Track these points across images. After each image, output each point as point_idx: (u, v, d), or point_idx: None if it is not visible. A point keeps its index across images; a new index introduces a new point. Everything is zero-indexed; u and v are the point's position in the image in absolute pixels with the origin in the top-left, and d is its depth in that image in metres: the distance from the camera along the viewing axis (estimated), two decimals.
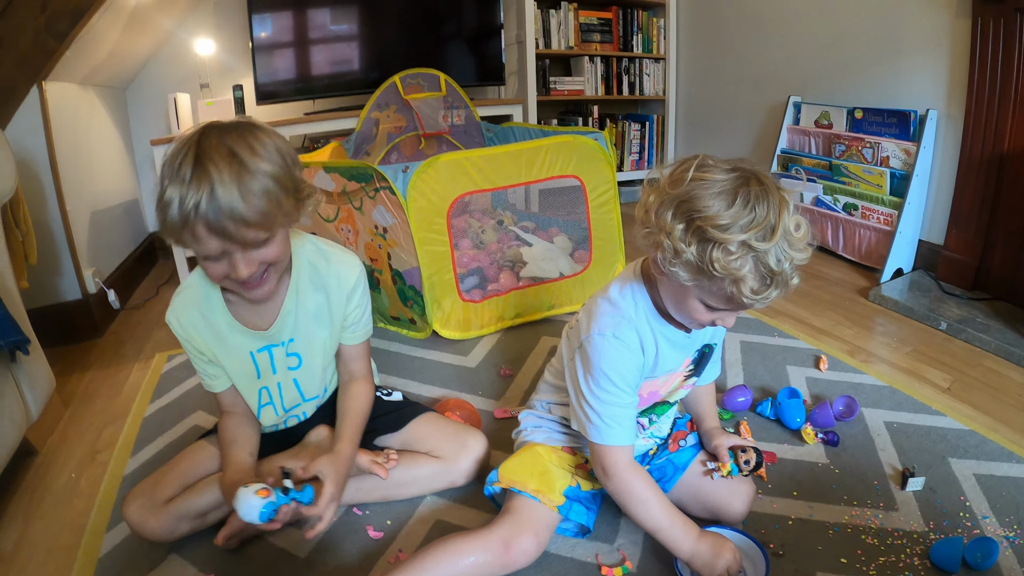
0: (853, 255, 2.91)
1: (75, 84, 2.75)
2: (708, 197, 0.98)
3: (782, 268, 0.96)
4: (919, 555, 1.23)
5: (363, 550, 1.33)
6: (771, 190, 0.98)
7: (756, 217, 0.95)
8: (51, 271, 2.45)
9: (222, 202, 1.02)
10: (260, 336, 1.32)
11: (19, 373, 1.68)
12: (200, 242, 1.06)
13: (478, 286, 2.32)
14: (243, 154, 1.06)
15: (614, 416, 1.15)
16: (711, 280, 1.00)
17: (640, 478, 1.17)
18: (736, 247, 0.95)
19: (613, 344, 1.14)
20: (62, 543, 1.43)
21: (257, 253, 1.13)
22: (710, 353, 1.33)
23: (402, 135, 3.32)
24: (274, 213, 1.09)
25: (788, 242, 0.96)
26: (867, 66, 2.94)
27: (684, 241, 0.99)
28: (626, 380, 1.15)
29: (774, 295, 1.00)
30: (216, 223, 1.03)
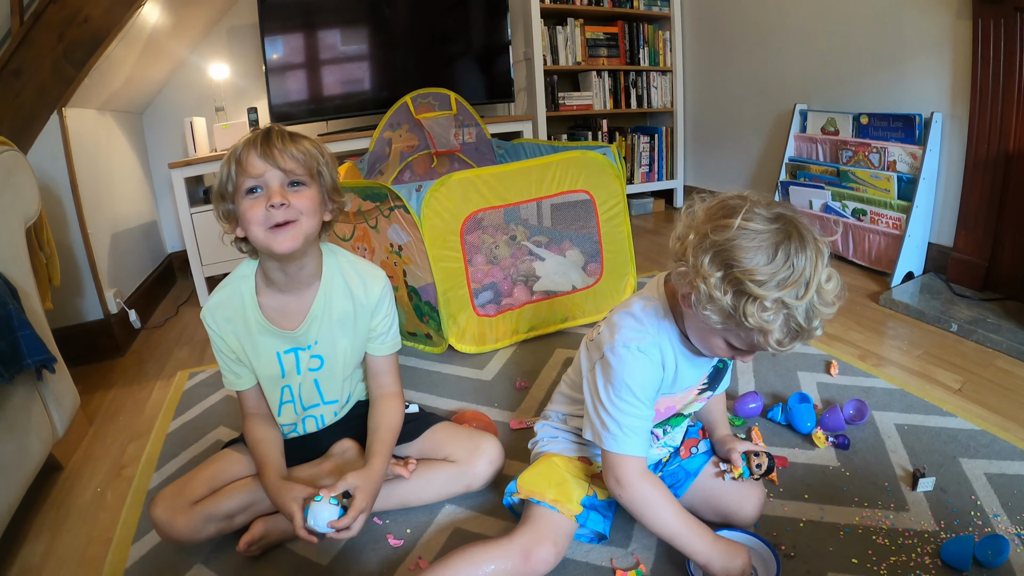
0: (863, 260, 2.92)
1: (93, 110, 2.81)
2: (750, 250, 0.98)
3: (811, 324, 0.99)
4: (930, 554, 1.24)
5: (383, 558, 1.35)
6: (809, 243, 0.98)
7: (793, 274, 0.96)
8: (74, 292, 2.50)
9: (274, 136, 1.25)
10: (288, 337, 1.37)
11: (45, 391, 1.72)
12: (248, 166, 1.23)
13: (492, 301, 2.35)
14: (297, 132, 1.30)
15: (631, 427, 1.16)
16: (740, 327, 1.01)
17: (653, 486, 1.18)
18: (771, 303, 0.96)
19: (637, 357, 1.15)
20: (89, 556, 1.46)
21: (291, 193, 1.26)
22: (725, 369, 1.34)
23: (414, 154, 3.35)
24: (312, 163, 1.28)
25: (820, 298, 0.98)
26: (871, 72, 2.95)
27: (720, 289, 0.99)
28: (646, 393, 1.17)
29: (796, 346, 1.03)
30: (265, 148, 1.23)
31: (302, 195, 1.27)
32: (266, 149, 1.22)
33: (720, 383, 1.36)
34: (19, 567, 1.45)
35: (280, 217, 1.24)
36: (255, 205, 1.24)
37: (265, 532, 1.35)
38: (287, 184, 1.26)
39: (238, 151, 1.24)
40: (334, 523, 1.21)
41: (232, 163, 1.24)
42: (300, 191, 1.27)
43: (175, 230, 3.73)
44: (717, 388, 1.36)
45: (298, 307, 1.38)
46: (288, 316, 1.38)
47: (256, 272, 1.38)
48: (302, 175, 1.27)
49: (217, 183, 1.28)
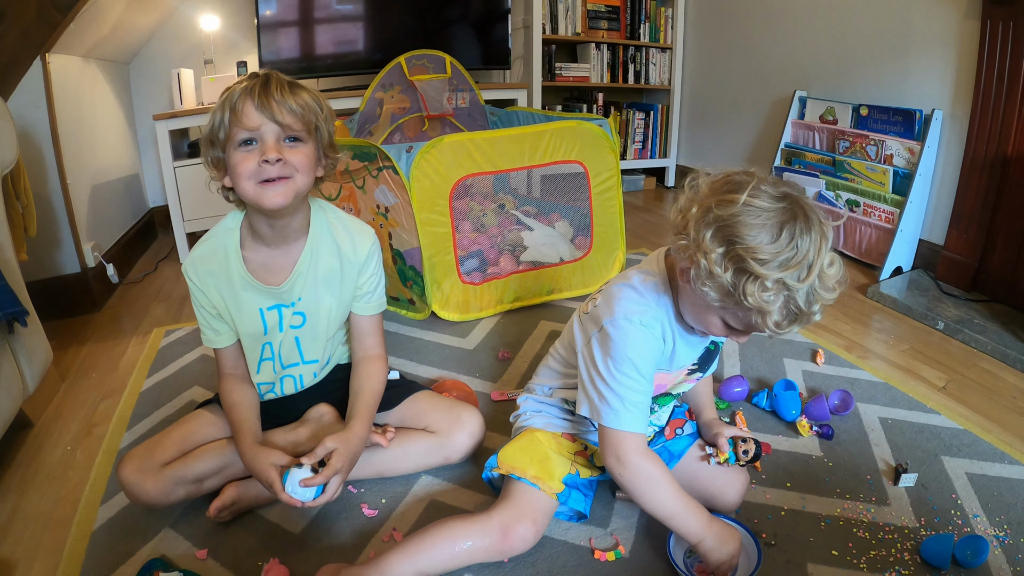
0: (853, 252, 2.91)
1: (78, 57, 2.74)
2: (754, 227, 0.96)
3: (810, 308, 0.97)
4: (909, 550, 1.24)
5: (357, 528, 1.33)
6: (815, 225, 0.97)
7: (796, 255, 0.94)
8: (50, 244, 2.44)
9: (272, 86, 1.19)
10: (271, 293, 1.34)
11: (16, 345, 1.67)
12: (244, 117, 1.18)
13: (478, 269, 2.32)
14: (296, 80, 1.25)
15: (632, 401, 1.14)
16: (738, 306, 1.00)
17: (654, 465, 1.16)
18: (772, 283, 0.94)
19: (639, 330, 1.13)
20: (56, 516, 1.43)
21: (286, 149, 1.22)
22: (715, 352, 1.33)
23: (406, 116, 3.31)
24: (310, 118, 1.23)
25: (821, 283, 0.96)
26: (874, 63, 2.93)
27: (721, 266, 0.98)
28: (648, 366, 1.15)
29: (794, 330, 1.01)
30: (264, 99, 1.17)
31: (298, 151, 1.23)
32: (264, 100, 1.17)
33: (709, 366, 1.35)
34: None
35: (273, 173, 1.20)
36: (247, 158, 1.20)
37: (237, 497, 1.33)
38: (283, 139, 1.22)
39: (234, 98, 1.18)
40: (307, 480, 1.19)
41: (226, 110, 1.18)
42: (296, 147, 1.23)
43: (158, 184, 3.66)
44: (706, 371, 1.35)
45: (283, 262, 1.35)
46: (273, 271, 1.35)
47: (242, 225, 1.34)
48: (299, 130, 1.23)
49: (208, 128, 1.22)
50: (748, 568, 1.16)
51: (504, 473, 1.27)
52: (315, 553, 1.26)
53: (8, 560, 1.32)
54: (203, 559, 1.25)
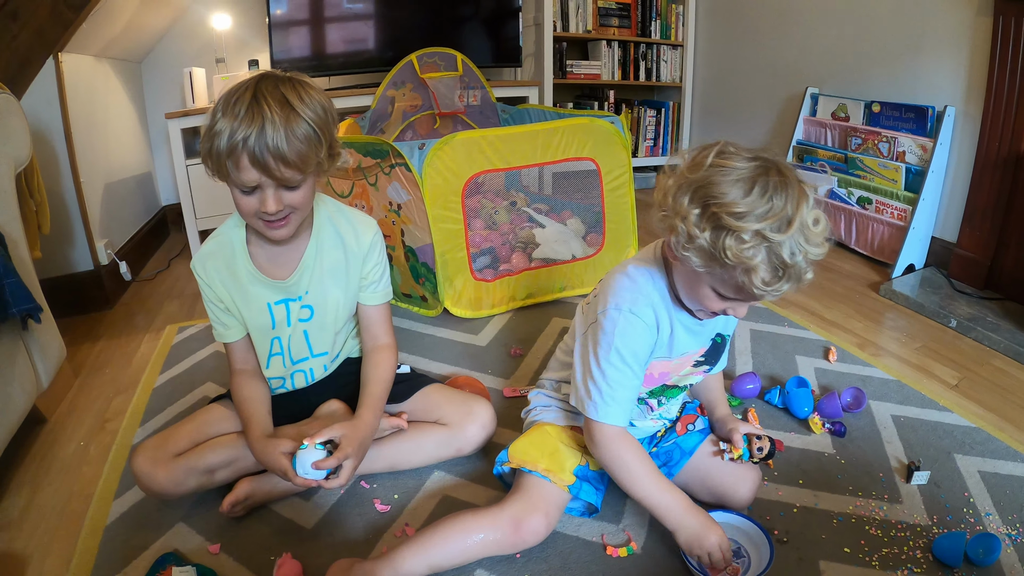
0: (865, 249, 2.90)
1: (91, 56, 2.75)
2: (726, 184, 0.97)
3: (795, 261, 0.96)
4: (921, 548, 1.23)
5: (370, 523, 1.34)
6: (791, 182, 0.97)
7: (773, 208, 0.95)
8: (64, 242, 2.45)
9: (269, 139, 1.12)
10: (279, 287, 1.36)
11: (30, 341, 1.68)
12: (241, 171, 1.15)
13: (490, 266, 2.32)
14: (294, 101, 1.16)
15: (614, 396, 1.17)
16: (723, 268, 1.00)
17: (628, 448, 1.19)
18: (750, 236, 0.94)
19: (629, 319, 1.15)
20: (70, 510, 1.44)
21: (286, 194, 1.21)
22: (723, 344, 1.32)
23: (417, 114, 3.32)
24: (311, 159, 1.19)
25: (804, 236, 0.96)
26: (886, 60, 2.91)
27: (699, 227, 0.99)
28: (637, 357, 1.16)
29: (786, 288, 0.99)
30: (260, 156, 1.13)
31: (297, 193, 1.23)
32: (260, 157, 1.13)
33: (718, 360, 1.34)
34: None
35: (274, 217, 1.22)
36: (248, 201, 1.21)
37: (250, 493, 1.33)
38: (282, 187, 1.20)
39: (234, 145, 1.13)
40: (319, 463, 1.21)
41: (223, 147, 1.13)
42: (295, 191, 1.22)
43: (170, 182, 3.68)
44: (715, 365, 1.35)
45: (289, 256, 1.37)
46: (279, 265, 1.36)
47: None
48: (298, 180, 1.21)
49: (206, 148, 1.18)
50: (760, 565, 1.16)
51: (515, 467, 1.27)
52: (328, 548, 1.27)
53: (22, 553, 1.33)
54: (216, 554, 1.26)
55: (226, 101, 1.16)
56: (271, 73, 1.21)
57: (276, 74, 1.21)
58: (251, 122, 1.12)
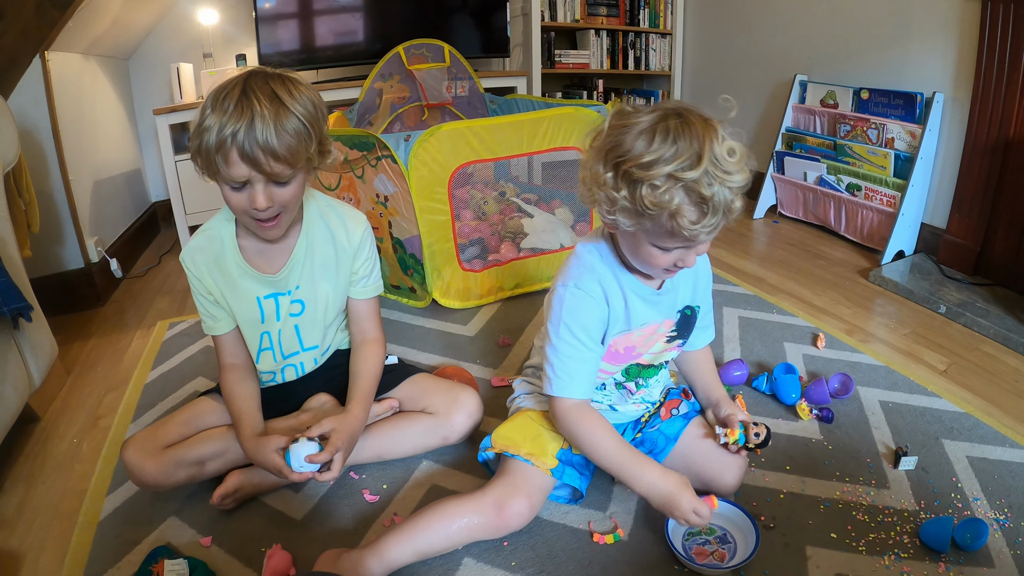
0: (855, 236, 2.91)
1: (78, 54, 2.74)
2: (629, 140, 1.01)
3: (714, 192, 0.98)
4: (909, 533, 1.24)
5: (358, 513, 1.35)
6: (693, 122, 1.00)
7: (679, 149, 0.98)
8: (54, 240, 2.45)
9: (258, 133, 1.12)
10: (269, 281, 1.37)
11: (22, 340, 1.69)
12: (230, 166, 1.15)
13: (479, 256, 2.33)
14: (283, 96, 1.17)
15: (568, 370, 1.20)
16: (650, 220, 1.02)
17: (588, 419, 1.21)
18: (663, 181, 0.98)
19: (575, 294, 1.18)
20: (63, 507, 1.45)
21: (276, 190, 1.21)
22: (693, 316, 1.33)
23: (405, 105, 3.32)
24: (300, 154, 1.19)
25: (718, 166, 0.98)
26: (875, 47, 2.92)
27: (615, 188, 1.03)
28: (587, 331, 1.19)
29: (715, 222, 1.02)
30: (249, 150, 1.13)
31: (287, 190, 1.24)
32: (249, 152, 1.14)
33: (690, 333, 1.35)
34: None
35: (265, 215, 1.23)
36: (238, 197, 1.21)
37: (239, 485, 1.34)
38: (272, 182, 1.21)
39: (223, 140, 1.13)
40: (312, 457, 1.22)
41: (212, 143, 1.14)
42: (285, 187, 1.23)
43: (159, 179, 3.67)
44: (688, 338, 1.36)
45: (279, 251, 1.38)
46: (269, 260, 1.37)
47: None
48: (288, 175, 1.21)
49: (196, 145, 1.18)
50: (746, 551, 1.17)
51: (498, 451, 1.29)
52: (317, 538, 1.28)
53: (17, 551, 1.34)
54: (207, 546, 1.27)
55: (215, 98, 1.16)
56: (260, 70, 1.21)
57: (265, 71, 1.21)
58: (240, 116, 1.12)
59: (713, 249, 2.90)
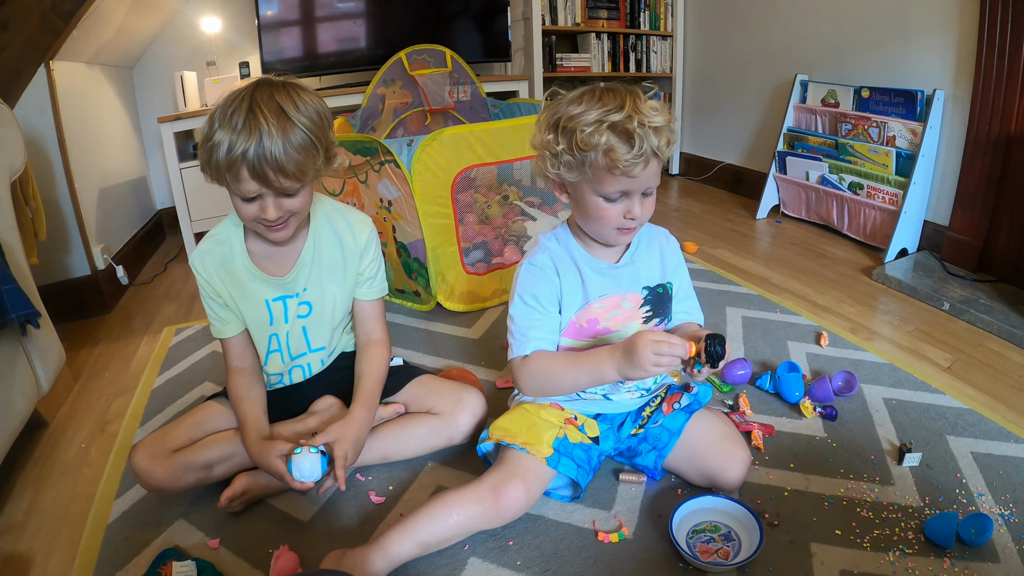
0: (858, 234, 2.91)
1: (82, 63, 2.76)
2: (563, 105, 1.19)
3: (637, 127, 1.11)
4: (913, 529, 1.24)
5: (365, 514, 1.36)
6: (619, 89, 1.16)
7: (604, 102, 1.14)
8: (60, 248, 2.47)
9: (267, 151, 1.15)
10: (277, 284, 1.39)
11: (30, 347, 1.70)
12: (240, 183, 1.18)
13: (483, 259, 2.34)
14: (289, 111, 1.19)
15: (523, 332, 1.29)
16: (590, 167, 1.16)
17: (540, 360, 1.28)
18: (591, 125, 1.12)
19: (527, 268, 1.31)
20: (72, 511, 1.46)
21: (286, 201, 1.25)
22: (666, 295, 1.36)
23: (408, 111, 3.32)
24: (308, 167, 1.22)
25: (639, 110, 1.12)
26: (874, 45, 2.92)
27: (556, 143, 1.18)
28: (537, 299, 1.29)
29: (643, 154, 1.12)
30: (259, 168, 1.16)
31: (296, 200, 1.27)
32: (259, 170, 1.16)
33: (665, 310, 1.37)
34: (3, 523, 1.45)
35: (274, 223, 1.26)
36: (248, 208, 1.25)
37: (247, 487, 1.35)
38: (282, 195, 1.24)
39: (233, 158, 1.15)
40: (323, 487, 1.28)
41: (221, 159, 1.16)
42: (295, 196, 1.26)
43: (165, 186, 3.68)
44: (670, 318, 1.38)
45: (287, 254, 1.40)
46: (277, 263, 1.40)
47: None
48: (296, 189, 1.25)
49: (205, 157, 1.20)
50: (750, 548, 1.17)
51: (495, 442, 1.30)
52: (324, 539, 1.29)
53: (26, 554, 1.35)
54: (215, 548, 1.28)
55: (223, 112, 1.17)
56: (266, 80, 1.22)
57: (271, 80, 1.22)
58: (249, 135, 1.14)
59: (716, 249, 2.91)
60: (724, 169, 4.05)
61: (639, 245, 1.34)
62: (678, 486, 1.38)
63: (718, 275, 2.56)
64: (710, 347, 1.15)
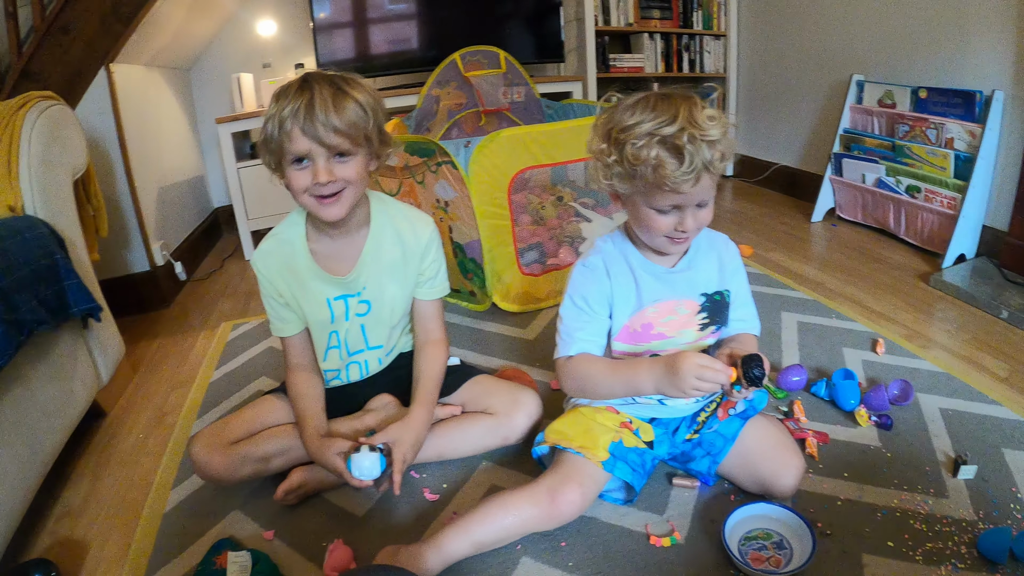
0: (915, 239, 2.85)
1: (141, 66, 2.84)
2: (618, 114, 1.16)
3: (684, 140, 1.08)
4: (967, 544, 1.21)
5: (418, 511, 1.37)
6: (675, 97, 1.13)
7: (658, 113, 1.10)
8: (121, 244, 2.54)
9: (317, 108, 1.19)
10: (338, 283, 1.40)
11: (91, 339, 1.76)
12: (292, 141, 1.22)
13: (537, 260, 2.35)
14: (341, 84, 1.25)
15: (570, 332, 1.30)
16: (641, 179, 1.13)
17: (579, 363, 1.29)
18: (642, 137, 1.10)
19: (579, 269, 1.32)
20: (128, 499, 1.51)
21: (338, 166, 1.26)
22: (723, 302, 1.34)
23: (462, 112, 3.34)
24: (358, 132, 1.25)
25: (693, 122, 1.09)
26: (932, 44, 2.85)
27: (608, 153, 1.17)
28: (587, 300, 1.29)
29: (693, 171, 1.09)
30: (309, 124, 1.20)
31: (348, 166, 1.27)
32: (309, 124, 1.20)
33: (721, 318, 1.35)
34: (60, 509, 1.50)
35: (327, 191, 1.26)
36: (301, 176, 1.26)
37: (303, 481, 1.38)
38: (333, 156, 1.25)
39: (283, 117, 1.21)
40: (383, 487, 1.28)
41: (276, 127, 1.22)
42: (346, 162, 1.27)
43: (221, 185, 3.77)
44: (721, 324, 1.36)
45: (348, 253, 1.41)
46: (338, 262, 1.41)
47: (306, 219, 1.41)
48: (348, 148, 1.26)
49: (262, 137, 1.27)
50: (802, 557, 1.16)
51: (551, 445, 1.31)
52: (378, 535, 1.31)
53: (82, 540, 1.40)
54: (270, 540, 1.31)
55: (278, 93, 1.24)
56: (319, 70, 1.29)
57: (325, 71, 1.28)
58: (300, 97, 1.20)
59: (771, 252, 2.87)
60: (779, 171, 3.99)
61: (697, 250, 1.33)
62: (731, 492, 1.37)
63: (773, 279, 2.53)
64: (748, 371, 1.14)
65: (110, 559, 1.34)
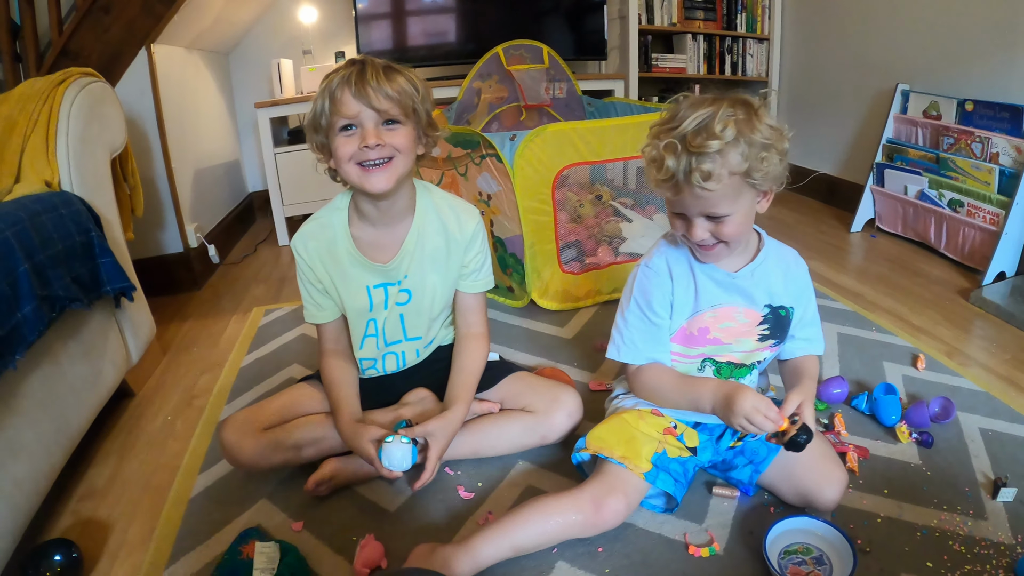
0: (955, 254, 2.79)
1: (181, 48, 2.85)
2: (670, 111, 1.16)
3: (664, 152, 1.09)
4: (1004, 568, 1.18)
5: (452, 509, 1.35)
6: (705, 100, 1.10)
7: (674, 120, 1.11)
8: (155, 225, 2.55)
9: (368, 74, 1.22)
10: (379, 271, 1.39)
11: (122, 318, 1.76)
12: (342, 105, 1.23)
13: (576, 259, 2.33)
14: (391, 64, 1.28)
15: (632, 338, 1.31)
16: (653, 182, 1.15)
17: (651, 373, 1.31)
18: (650, 138, 1.15)
19: (643, 271, 1.31)
20: (154, 482, 1.50)
21: (386, 132, 1.26)
22: (787, 317, 1.31)
23: (503, 105, 3.32)
24: (407, 102, 1.27)
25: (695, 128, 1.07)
26: (980, 56, 2.80)
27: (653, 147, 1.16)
28: (650, 304, 1.28)
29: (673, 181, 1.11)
30: (360, 88, 1.21)
31: (397, 133, 1.27)
32: (360, 88, 1.21)
33: (784, 334, 1.33)
34: (84, 489, 1.50)
35: (374, 156, 1.25)
36: (348, 142, 1.25)
37: (334, 472, 1.37)
38: (382, 123, 1.25)
39: (332, 87, 1.23)
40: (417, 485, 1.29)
41: (326, 98, 1.24)
42: (395, 129, 1.27)
43: (257, 170, 3.79)
44: (784, 342, 1.33)
45: (391, 241, 1.40)
46: (380, 249, 1.39)
47: (349, 205, 1.39)
48: (397, 114, 1.26)
49: (310, 116, 1.28)
50: (842, 573, 1.13)
51: (592, 453, 1.29)
52: (409, 532, 1.29)
53: (105, 521, 1.39)
54: (298, 531, 1.29)
55: (328, 75, 1.26)
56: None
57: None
58: (351, 68, 1.24)
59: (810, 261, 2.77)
60: (818, 179, 3.93)
61: (765, 260, 1.29)
62: (771, 504, 1.35)
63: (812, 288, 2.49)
64: (797, 435, 1.13)
65: (133, 542, 1.33)
